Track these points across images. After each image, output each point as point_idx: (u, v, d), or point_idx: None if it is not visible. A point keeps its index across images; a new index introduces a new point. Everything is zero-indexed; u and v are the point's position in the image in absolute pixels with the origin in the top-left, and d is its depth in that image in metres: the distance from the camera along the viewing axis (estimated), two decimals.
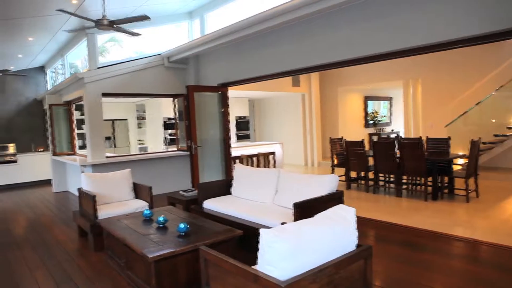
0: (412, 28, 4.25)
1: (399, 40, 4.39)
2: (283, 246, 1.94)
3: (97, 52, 7.69)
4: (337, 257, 2.16)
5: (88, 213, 4.74)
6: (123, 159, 7.60)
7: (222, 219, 4.30)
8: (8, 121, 10.78)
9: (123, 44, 9.72)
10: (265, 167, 9.18)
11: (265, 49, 6.26)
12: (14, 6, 5.47)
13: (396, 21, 4.38)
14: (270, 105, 13.49)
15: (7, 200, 8.56)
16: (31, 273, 4.02)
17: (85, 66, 8.69)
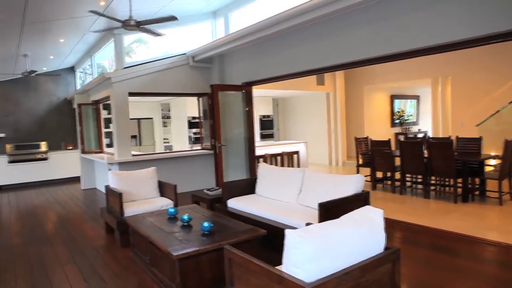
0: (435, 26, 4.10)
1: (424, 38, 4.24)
2: (309, 248, 1.90)
3: (123, 52, 7.84)
4: (364, 259, 2.11)
5: (115, 210, 4.84)
6: (148, 157, 7.73)
7: (246, 218, 4.29)
8: (41, 120, 11.17)
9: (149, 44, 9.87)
10: (289, 166, 9.12)
11: (289, 47, 6.20)
12: (47, 9, 5.63)
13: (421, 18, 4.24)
14: (294, 104, 13.41)
15: (39, 196, 8.87)
16: (62, 267, 4.14)
17: (112, 66, 8.88)
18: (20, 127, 10.86)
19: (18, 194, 9.34)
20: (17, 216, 6.87)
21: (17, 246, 5.00)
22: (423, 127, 13.88)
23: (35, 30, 6.56)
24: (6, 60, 8.41)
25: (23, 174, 10.47)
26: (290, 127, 13.72)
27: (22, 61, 8.63)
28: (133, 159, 7.42)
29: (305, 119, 12.80)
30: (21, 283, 3.77)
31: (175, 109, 12.36)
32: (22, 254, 4.66)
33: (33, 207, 7.57)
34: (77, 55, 10.00)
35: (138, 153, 8.23)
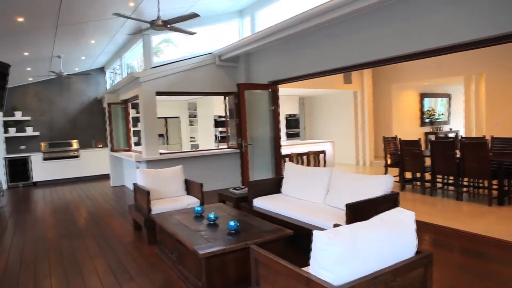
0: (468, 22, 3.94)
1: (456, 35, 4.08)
2: (338, 250, 1.85)
3: (152, 52, 7.97)
4: (394, 263, 2.04)
5: (142, 207, 4.92)
6: (175, 155, 7.83)
7: (272, 218, 4.27)
8: (73, 118, 11.55)
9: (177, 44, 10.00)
10: (315, 165, 9.03)
11: (316, 45, 6.13)
12: (79, 12, 5.80)
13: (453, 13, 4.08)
14: (321, 102, 13.26)
15: (71, 192, 9.16)
16: (92, 260, 4.26)
17: (141, 66, 9.04)
18: (54, 125, 11.27)
19: (51, 190, 9.69)
20: (51, 210, 7.12)
21: (51, 239, 5.19)
22: (454, 126, 13.42)
23: (68, 32, 6.77)
24: (41, 61, 8.72)
25: (56, 171, 10.86)
26: (316, 126, 13.58)
27: (56, 62, 8.94)
28: (161, 157, 7.54)
29: (332, 118, 12.64)
30: (54, 274, 3.90)
31: (201, 108, 12.48)
32: (55, 247, 4.83)
33: (65, 203, 7.82)
34: (107, 56, 10.26)
35: (165, 151, 8.35)
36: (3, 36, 6.26)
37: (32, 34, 6.45)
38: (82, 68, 11.17)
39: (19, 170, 10.47)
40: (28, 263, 4.32)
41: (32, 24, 5.87)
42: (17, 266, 4.23)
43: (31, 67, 9.13)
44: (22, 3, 4.97)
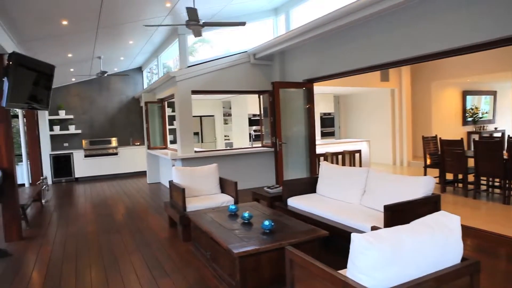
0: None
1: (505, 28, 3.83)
2: (378, 254, 1.77)
3: (187, 51, 8.09)
4: (438, 270, 1.93)
5: (177, 204, 4.99)
6: (210, 154, 7.90)
7: (306, 218, 4.20)
8: (112, 117, 11.95)
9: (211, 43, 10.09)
10: (350, 165, 8.84)
11: (352, 42, 5.97)
12: (118, 13, 5.97)
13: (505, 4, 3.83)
14: (357, 101, 12.97)
15: (110, 188, 9.48)
16: (129, 255, 4.37)
17: (177, 65, 9.20)
18: (94, 124, 11.71)
19: (92, 185, 10.07)
20: (91, 205, 7.39)
21: (91, 233, 5.38)
22: (500, 125, 12.71)
23: (108, 33, 6.99)
24: (83, 62, 9.07)
25: (96, 167, 11.28)
26: (352, 125, 13.30)
27: (96, 63, 9.26)
28: (195, 155, 7.63)
29: (368, 117, 12.33)
30: (94, 267, 4.03)
31: (236, 107, 12.55)
32: (95, 241, 5.00)
33: (104, 198, 8.10)
34: (145, 56, 10.51)
35: (200, 149, 8.45)
36: (49, 39, 6.56)
37: (75, 36, 6.71)
38: (120, 68, 11.53)
39: (62, 166, 10.96)
40: (70, 255, 4.49)
41: (75, 27, 6.11)
42: (60, 258, 4.41)
43: (74, 68, 9.51)
44: (67, 7, 5.17)
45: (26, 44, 6.32)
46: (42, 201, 7.79)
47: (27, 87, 5.17)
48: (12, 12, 4.79)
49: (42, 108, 5.77)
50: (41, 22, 5.62)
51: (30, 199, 6.49)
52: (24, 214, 5.87)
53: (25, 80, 5.07)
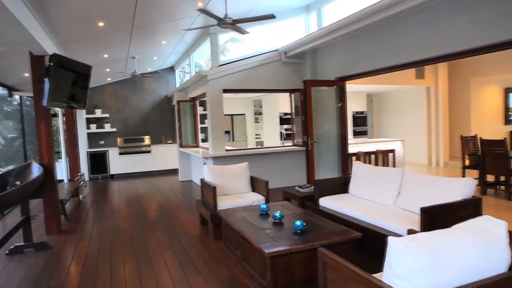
0: None
1: None
2: (416, 260, 1.70)
3: (219, 51, 8.14)
4: (482, 279, 1.82)
5: (209, 203, 5.02)
6: (240, 152, 7.92)
7: (338, 219, 4.12)
8: (145, 116, 12.24)
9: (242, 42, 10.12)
10: (383, 165, 8.61)
11: (387, 39, 5.80)
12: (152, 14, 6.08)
13: None
14: (390, 99, 12.63)
15: (143, 185, 9.70)
16: (161, 252, 4.44)
17: (208, 65, 9.29)
18: (128, 122, 12.04)
19: (126, 182, 10.35)
20: (125, 202, 7.59)
21: (125, 229, 5.51)
22: None
23: (142, 33, 7.14)
24: (118, 62, 9.33)
25: (130, 164, 11.59)
26: (385, 124, 12.96)
27: (130, 63, 9.50)
28: (226, 154, 7.67)
29: (402, 116, 11.97)
30: (128, 263, 4.13)
31: (267, 105, 12.53)
32: (129, 237, 5.12)
33: (137, 195, 8.30)
34: (177, 56, 10.68)
35: (231, 148, 8.49)
36: (87, 40, 6.78)
37: (111, 37, 6.90)
38: (154, 68, 11.78)
39: (98, 163, 11.34)
40: (105, 250, 4.62)
41: (110, 28, 6.28)
42: (96, 252, 4.55)
43: (109, 68, 9.80)
44: (103, 9, 5.32)
45: (65, 45, 6.56)
46: (80, 197, 8.09)
47: (66, 87, 5.37)
48: (53, 15, 4.98)
49: (79, 107, 5.97)
50: (79, 24, 5.81)
51: (68, 194, 6.75)
52: (63, 209, 6.11)
53: (65, 80, 5.27)
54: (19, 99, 9.09)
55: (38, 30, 4.92)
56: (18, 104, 9.40)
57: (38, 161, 5.38)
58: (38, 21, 4.92)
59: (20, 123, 9.20)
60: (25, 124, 9.20)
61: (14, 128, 10.04)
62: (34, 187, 4.72)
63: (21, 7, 4.16)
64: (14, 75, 7.33)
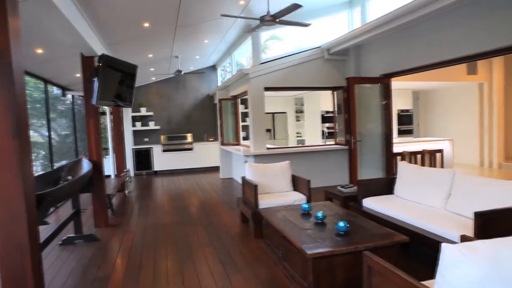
0: None
1: None
2: (474, 270, 1.57)
3: (260, 48, 8.12)
4: None
5: (250, 201, 5.02)
6: (282, 151, 7.87)
7: (383, 221, 3.97)
8: (187, 113, 12.50)
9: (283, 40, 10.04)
10: (430, 166, 8.22)
11: (435, 33, 5.51)
12: (195, 13, 6.18)
13: None
14: (438, 96, 12.04)
15: (185, 182, 9.91)
16: (202, 248, 4.50)
17: (249, 63, 9.30)
18: (171, 120, 12.35)
19: (169, 179, 10.62)
20: (168, 198, 7.78)
21: (168, 225, 5.64)
22: None
23: (185, 33, 7.27)
24: (162, 61, 9.58)
25: (173, 161, 11.90)
26: (433, 123, 12.38)
27: (174, 62, 9.72)
28: (268, 152, 7.64)
29: (451, 114, 11.37)
30: (170, 258, 4.21)
31: (308, 103, 12.38)
32: (171, 232, 5.24)
33: (180, 191, 8.48)
34: (219, 54, 10.80)
35: (272, 146, 8.46)
36: (133, 41, 7.01)
37: (155, 37, 7.09)
38: (196, 67, 11.99)
39: (143, 160, 11.73)
40: (149, 244, 4.75)
41: (155, 28, 6.44)
42: (140, 246, 4.68)
43: (153, 67, 10.09)
44: (148, 10, 5.47)
45: (113, 46, 6.82)
46: (125, 192, 8.39)
47: (114, 86, 5.57)
48: (101, 17, 5.18)
49: (126, 106, 6.18)
50: (126, 25, 6.01)
51: (115, 189, 7.02)
52: (110, 203, 6.36)
53: (112, 79, 5.47)
54: (71, 98, 9.58)
55: (89, 33, 5.15)
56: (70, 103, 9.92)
57: (88, 157, 5.63)
58: (89, 24, 5.14)
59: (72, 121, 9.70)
60: (76, 122, 9.68)
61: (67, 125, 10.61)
62: (84, 182, 4.94)
63: (75, 12, 4.38)
64: (67, 76, 7.74)
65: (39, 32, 4.49)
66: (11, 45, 2.46)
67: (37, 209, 2.82)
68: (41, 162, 9.46)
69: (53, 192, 3.41)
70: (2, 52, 2.45)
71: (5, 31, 2.44)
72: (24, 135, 2.60)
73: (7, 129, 2.48)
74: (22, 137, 2.55)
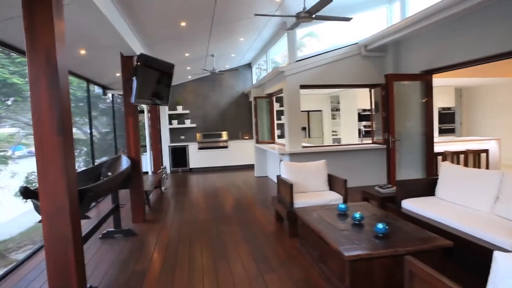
0: None
1: None
2: None
3: (296, 46, 8.04)
4: None
5: (285, 200, 4.97)
6: (317, 149, 7.76)
7: (424, 223, 3.81)
8: (222, 112, 12.61)
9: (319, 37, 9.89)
10: (475, 166, 7.81)
11: (482, 26, 5.19)
12: (230, 11, 6.20)
13: None
14: (483, 93, 11.44)
15: (220, 179, 10.00)
16: (236, 246, 4.51)
17: (284, 61, 9.23)
18: (207, 118, 12.50)
19: (204, 176, 10.76)
20: (203, 195, 7.88)
21: (203, 222, 5.71)
22: None
23: (221, 31, 7.32)
24: (198, 60, 9.70)
25: (208, 159, 12.04)
26: (477, 121, 11.78)
27: (209, 61, 9.82)
28: (303, 150, 7.56)
29: (498, 112, 10.76)
30: (205, 254, 4.25)
31: (344, 101, 12.15)
32: (206, 229, 5.29)
33: (215, 189, 8.56)
34: (254, 52, 10.80)
35: (308, 145, 8.36)
36: (170, 40, 7.14)
37: (192, 36, 7.18)
38: (231, 65, 12.06)
39: (179, 157, 11.96)
40: (184, 240, 4.82)
41: (192, 27, 6.52)
42: (176, 242, 4.76)
43: (190, 66, 10.24)
44: (185, 9, 5.54)
45: (151, 46, 6.98)
46: (162, 188, 8.58)
47: (151, 85, 5.69)
48: (140, 18, 5.31)
49: (163, 104, 6.30)
50: (164, 24, 6.13)
51: (152, 186, 7.19)
52: (147, 199, 6.53)
53: (150, 78, 5.59)
54: (111, 97, 9.92)
55: (128, 33, 5.29)
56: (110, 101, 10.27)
57: (127, 154, 5.80)
58: (128, 24, 5.28)
59: (112, 119, 10.04)
60: (116, 120, 10.01)
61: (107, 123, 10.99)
62: (123, 178, 5.09)
63: (115, 13, 4.51)
64: (107, 75, 8.01)
65: (82, 33, 4.66)
66: (56, 47, 2.56)
67: (79, 203, 2.92)
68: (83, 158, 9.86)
69: (94, 187, 3.52)
70: (49, 53, 2.55)
71: (51, 34, 2.54)
72: (68, 133, 2.69)
73: (53, 127, 2.58)
74: (66, 134, 2.65)
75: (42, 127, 2.57)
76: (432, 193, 4.61)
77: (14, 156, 8.74)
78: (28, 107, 2.65)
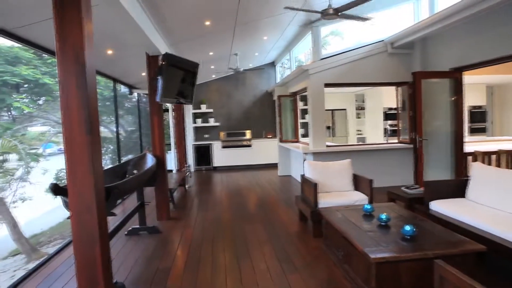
0: None
1: None
2: None
3: (320, 44, 7.95)
4: None
5: (309, 199, 4.92)
6: (342, 149, 7.65)
7: (454, 226, 3.68)
8: (246, 110, 12.63)
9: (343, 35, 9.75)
10: (507, 167, 7.51)
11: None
12: (254, 10, 6.18)
13: None
14: None
15: (243, 178, 10.02)
16: (259, 245, 4.50)
17: (308, 59, 9.14)
18: (231, 117, 12.55)
19: (227, 175, 10.81)
20: (226, 193, 7.92)
21: (226, 220, 5.73)
22: None
23: (244, 31, 7.31)
24: (221, 59, 9.75)
25: (232, 157, 12.10)
26: (510, 120, 11.32)
27: (233, 60, 9.84)
28: (327, 149, 7.47)
29: None
30: (227, 253, 4.26)
31: (370, 100, 11.94)
32: (229, 228, 5.30)
33: (238, 188, 8.59)
34: (277, 51, 10.75)
35: (332, 144, 8.26)
36: (195, 39, 7.19)
37: (216, 35, 7.21)
38: (255, 64, 12.06)
39: (203, 156, 12.07)
40: (208, 238, 4.85)
41: (216, 26, 6.55)
42: (200, 240, 4.79)
43: (214, 65, 10.30)
44: (210, 8, 5.57)
45: (176, 46, 7.05)
46: (186, 186, 8.67)
47: (176, 83, 5.74)
48: (165, 18, 5.37)
49: (187, 103, 6.35)
50: (188, 24, 6.18)
51: (176, 184, 7.27)
52: (171, 197, 6.60)
53: (175, 77, 5.64)
54: (137, 96, 10.10)
55: (153, 33, 5.36)
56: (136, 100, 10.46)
57: (152, 152, 5.88)
58: (153, 24, 5.35)
59: (137, 118, 10.23)
60: (141, 119, 10.19)
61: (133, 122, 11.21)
62: (148, 176, 5.16)
63: (141, 14, 4.58)
64: (133, 75, 8.15)
65: (109, 33, 4.75)
66: (85, 47, 2.61)
67: (106, 200, 2.98)
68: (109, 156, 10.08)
69: (120, 185, 3.59)
70: (78, 54, 2.60)
71: (80, 34, 2.59)
72: (96, 132, 2.74)
73: (81, 126, 2.63)
74: (94, 133, 2.70)
75: (71, 127, 2.63)
76: (462, 195, 4.45)
77: (45, 153, 9.05)
78: (58, 106, 2.72)
